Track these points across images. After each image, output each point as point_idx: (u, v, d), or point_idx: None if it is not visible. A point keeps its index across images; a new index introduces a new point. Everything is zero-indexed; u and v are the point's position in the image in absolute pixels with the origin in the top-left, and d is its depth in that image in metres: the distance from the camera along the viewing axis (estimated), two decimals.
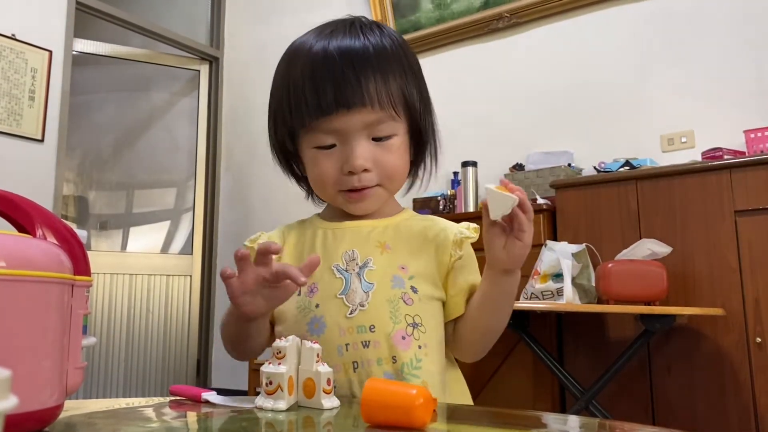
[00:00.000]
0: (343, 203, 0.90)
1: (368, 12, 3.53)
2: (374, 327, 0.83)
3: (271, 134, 0.93)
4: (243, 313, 0.79)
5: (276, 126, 0.91)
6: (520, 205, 0.77)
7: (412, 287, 0.86)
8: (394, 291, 0.85)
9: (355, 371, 0.82)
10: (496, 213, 0.77)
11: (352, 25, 0.90)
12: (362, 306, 0.84)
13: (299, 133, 0.88)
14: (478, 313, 0.89)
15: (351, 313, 0.83)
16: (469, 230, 0.92)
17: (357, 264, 0.87)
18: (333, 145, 0.86)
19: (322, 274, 0.86)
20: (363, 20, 0.93)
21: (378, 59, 0.85)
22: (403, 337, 0.83)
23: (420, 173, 0.97)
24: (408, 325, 0.84)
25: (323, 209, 0.99)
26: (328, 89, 0.82)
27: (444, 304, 0.90)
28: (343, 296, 0.85)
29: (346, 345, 0.82)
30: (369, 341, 0.82)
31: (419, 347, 0.83)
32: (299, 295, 0.86)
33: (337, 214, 0.94)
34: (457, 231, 0.92)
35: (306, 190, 0.98)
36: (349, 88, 0.82)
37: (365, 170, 0.85)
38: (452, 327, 0.91)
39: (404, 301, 0.85)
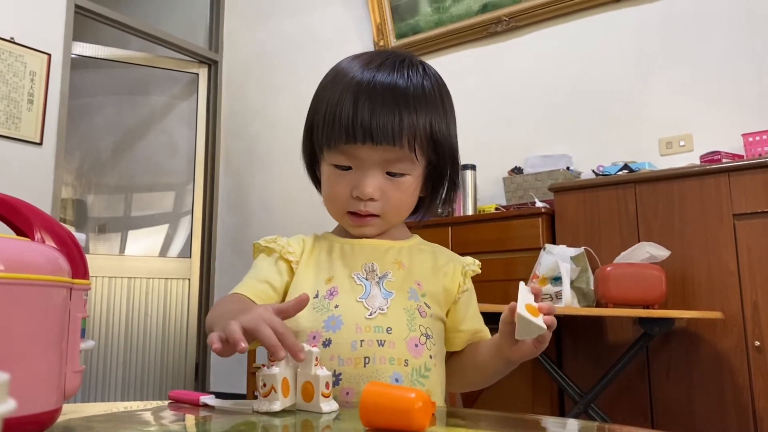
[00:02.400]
0: (347, 223, 0.94)
1: (367, 16, 3.54)
2: (391, 329, 0.86)
3: (304, 142, 0.97)
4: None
5: (308, 136, 0.95)
6: (548, 327, 0.77)
7: (425, 303, 0.91)
8: (410, 302, 0.89)
9: (365, 366, 0.83)
10: (522, 335, 0.76)
11: (402, 62, 0.92)
12: (382, 310, 0.87)
13: (324, 148, 0.91)
14: (472, 372, 0.96)
15: (371, 315, 0.87)
16: (474, 265, 0.99)
17: (377, 275, 0.91)
18: (349, 168, 0.89)
19: (342, 281, 0.90)
20: (412, 59, 0.95)
21: (415, 99, 0.88)
22: (417, 345, 0.86)
23: (432, 208, 1.01)
24: (422, 334, 0.87)
25: (336, 228, 1.02)
26: (363, 120, 0.86)
27: (445, 326, 0.95)
28: (364, 300, 0.88)
29: (361, 341, 0.84)
30: (384, 341, 0.85)
31: (430, 357, 0.87)
32: (316, 297, 0.89)
33: (350, 233, 0.98)
34: (464, 263, 0.99)
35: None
36: (381, 124, 0.86)
37: (371, 199, 0.89)
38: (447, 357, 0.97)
39: (420, 313, 0.89)
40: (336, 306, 0.88)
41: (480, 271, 0.99)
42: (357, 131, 0.85)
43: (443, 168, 0.95)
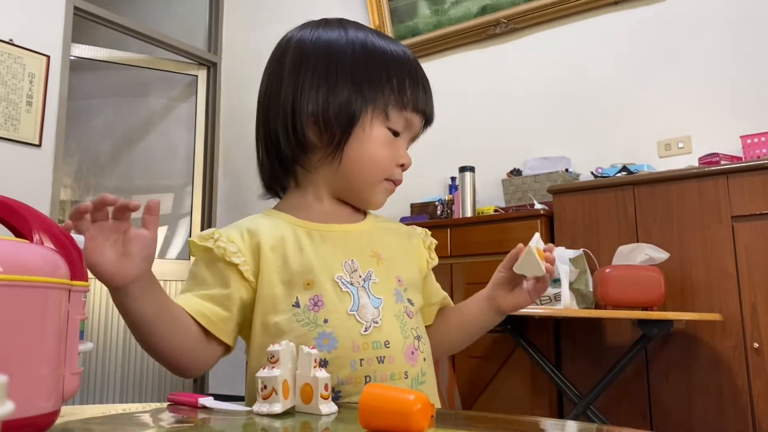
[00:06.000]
0: (377, 190, 0.89)
1: (366, 18, 3.54)
2: (389, 343, 0.81)
3: (304, 90, 0.85)
4: (114, 282, 0.70)
5: (362, 80, 0.85)
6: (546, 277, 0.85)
7: (409, 299, 0.87)
8: (398, 306, 0.84)
9: (366, 383, 0.80)
10: (521, 269, 0.85)
11: (368, 28, 0.93)
12: (376, 323, 0.81)
13: (381, 105, 0.85)
14: (455, 333, 0.94)
15: (366, 330, 0.80)
16: (429, 237, 0.98)
17: (360, 276, 0.84)
18: (397, 134, 0.89)
19: (324, 285, 0.81)
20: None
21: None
22: (412, 352, 0.83)
23: None
24: (414, 338, 0.84)
25: (282, 206, 0.91)
26: (426, 92, 0.90)
27: None
28: (355, 312, 0.80)
29: (361, 360, 0.79)
30: (384, 356, 0.80)
31: (424, 359, 0.84)
32: (297, 306, 0.80)
33: (317, 213, 0.88)
34: (424, 236, 0.98)
35: (297, 158, 0.88)
36: (431, 102, 0.91)
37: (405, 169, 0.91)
38: None
39: (407, 315, 0.85)
40: (325, 320, 0.79)
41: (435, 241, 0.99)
42: (423, 101, 0.89)
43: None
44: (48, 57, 3.39)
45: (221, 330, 0.80)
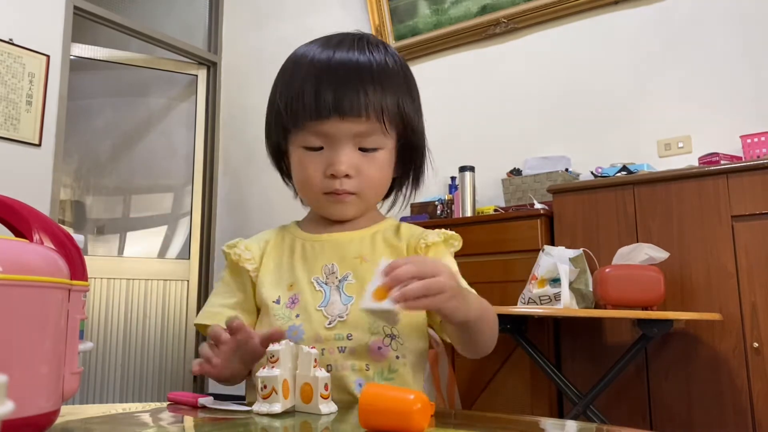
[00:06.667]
0: (325, 205, 0.93)
1: (366, 18, 3.54)
2: (351, 336, 0.85)
3: (267, 131, 0.96)
4: (226, 380, 0.83)
5: (272, 123, 0.94)
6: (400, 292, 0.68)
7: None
8: None
9: (329, 373, 0.83)
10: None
11: (360, 40, 0.92)
12: (341, 317, 0.86)
13: (291, 132, 0.90)
14: (455, 336, 0.88)
15: (330, 324, 0.86)
16: (439, 237, 0.93)
17: (336, 277, 0.90)
18: (320, 148, 0.89)
19: (302, 287, 0.89)
20: (370, 37, 0.95)
21: (379, 74, 0.88)
22: (380, 347, 0.85)
23: (404, 190, 1.01)
24: (386, 336, 0.85)
25: (304, 218, 1.01)
26: (327, 94, 0.86)
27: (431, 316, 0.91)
28: (323, 308, 0.87)
29: (323, 350, 0.84)
30: (345, 347, 0.85)
31: (396, 357, 0.85)
32: (277, 303, 0.89)
33: (318, 224, 0.97)
34: (422, 238, 0.93)
35: (294, 190, 1.00)
36: (347, 97, 0.85)
37: (347, 176, 0.88)
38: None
39: None
40: (297, 315, 0.87)
41: (441, 240, 0.92)
42: (323, 106, 0.85)
43: (413, 144, 0.94)
44: (48, 57, 3.39)
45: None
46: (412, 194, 1.01)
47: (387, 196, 1.00)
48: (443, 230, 0.95)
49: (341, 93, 0.85)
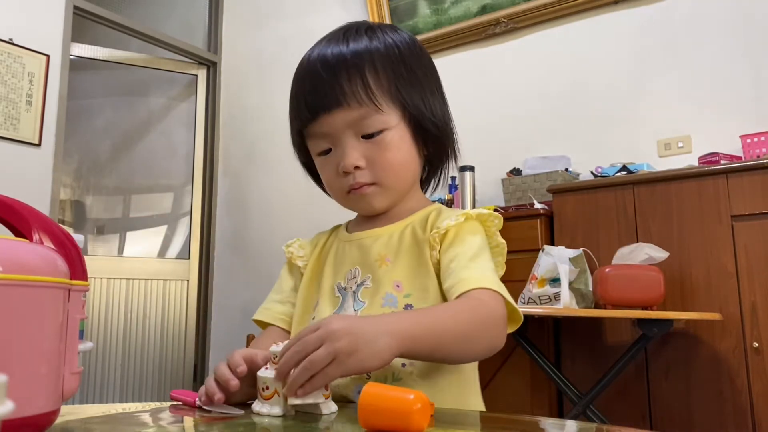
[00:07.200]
0: (352, 203, 0.92)
1: (366, 18, 3.54)
2: None
3: (294, 144, 0.97)
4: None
5: (295, 144, 0.96)
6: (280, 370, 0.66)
7: (408, 305, 0.84)
8: (383, 309, 0.84)
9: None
10: (322, 410, 0.67)
11: (347, 31, 0.91)
12: None
13: (306, 140, 0.92)
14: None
15: None
16: (459, 219, 0.85)
17: (356, 282, 0.89)
18: (329, 150, 0.88)
19: (325, 291, 0.91)
20: (359, 25, 0.93)
21: (353, 58, 0.85)
22: None
23: (440, 164, 0.96)
24: None
25: (355, 217, 1.01)
26: (308, 96, 0.86)
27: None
28: (336, 314, 0.87)
29: None
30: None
31: (402, 365, 0.80)
32: (302, 309, 0.93)
33: (358, 222, 0.97)
34: (436, 227, 0.86)
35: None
36: (321, 91, 0.84)
37: (358, 168, 0.86)
38: None
39: None
40: (313, 318, 0.90)
41: (463, 219, 0.85)
42: (307, 107, 0.85)
43: (422, 114, 0.89)
44: (48, 56, 3.39)
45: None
46: (448, 167, 0.97)
47: (427, 176, 0.96)
48: (471, 210, 0.88)
49: (319, 89, 0.85)
